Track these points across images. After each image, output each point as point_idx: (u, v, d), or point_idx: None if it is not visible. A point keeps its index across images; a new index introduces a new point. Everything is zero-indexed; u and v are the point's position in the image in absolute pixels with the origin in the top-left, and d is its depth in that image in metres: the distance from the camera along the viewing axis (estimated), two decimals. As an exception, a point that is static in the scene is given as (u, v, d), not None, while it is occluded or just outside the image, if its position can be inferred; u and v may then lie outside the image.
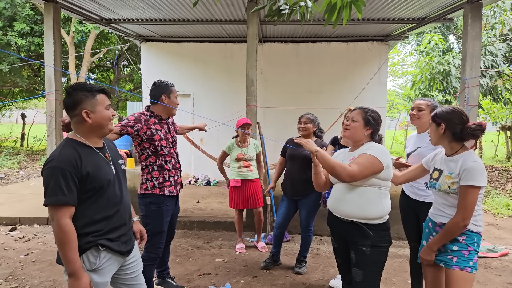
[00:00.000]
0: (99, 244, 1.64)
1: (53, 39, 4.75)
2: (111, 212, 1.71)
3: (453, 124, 1.95)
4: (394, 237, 3.84)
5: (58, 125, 4.80)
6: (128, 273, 1.83)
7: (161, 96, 2.62)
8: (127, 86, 16.65)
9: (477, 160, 1.90)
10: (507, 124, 11.67)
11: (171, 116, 2.74)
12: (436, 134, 2.02)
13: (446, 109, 2.01)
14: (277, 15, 2.26)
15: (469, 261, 1.89)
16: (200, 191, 6.69)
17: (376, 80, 7.13)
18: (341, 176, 1.93)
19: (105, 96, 1.73)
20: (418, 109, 2.63)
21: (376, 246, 1.99)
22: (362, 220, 2.01)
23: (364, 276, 2.00)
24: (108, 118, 1.73)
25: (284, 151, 3.58)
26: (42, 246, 4.04)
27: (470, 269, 1.89)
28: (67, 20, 11.20)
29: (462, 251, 1.90)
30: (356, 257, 2.03)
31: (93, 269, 1.64)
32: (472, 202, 1.84)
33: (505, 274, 3.53)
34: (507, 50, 7.94)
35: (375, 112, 2.13)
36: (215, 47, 7.53)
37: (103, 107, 1.70)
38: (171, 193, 2.66)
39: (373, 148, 2.01)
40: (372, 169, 1.94)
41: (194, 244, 4.19)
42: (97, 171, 1.65)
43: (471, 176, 1.84)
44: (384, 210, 2.02)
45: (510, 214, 5.78)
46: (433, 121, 2.04)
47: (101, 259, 1.65)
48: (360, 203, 2.00)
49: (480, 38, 4.40)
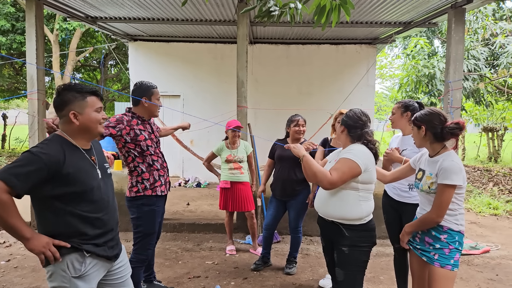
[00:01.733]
0: (84, 250, 1.60)
1: (36, 37, 4.62)
2: (97, 217, 1.66)
3: (433, 125, 2.01)
4: (382, 236, 3.92)
5: (40, 125, 4.67)
6: (115, 278, 1.79)
7: (142, 98, 2.62)
8: (114, 86, 16.40)
9: (455, 160, 1.95)
10: (488, 125, 12.03)
11: (152, 117, 2.73)
12: (418, 137, 2.09)
13: (424, 111, 2.08)
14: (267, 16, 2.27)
15: (450, 259, 1.94)
16: (190, 193, 6.64)
17: (365, 82, 7.25)
18: (322, 183, 1.99)
19: (96, 99, 1.70)
20: (392, 114, 2.76)
21: (355, 246, 2.03)
22: (340, 220, 2.06)
23: (345, 276, 2.03)
24: (97, 121, 1.69)
25: (272, 153, 3.58)
26: (24, 252, 3.92)
27: (451, 267, 1.94)
28: (51, 17, 10.93)
29: (444, 249, 1.96)
30: (337, 256, 2.08)
31: (78, 275, 1.59)
32: (446, 201, 1.90)
33: (486, 271, 3.64)
34: (489, 54, 8.21)
35: (351, 111, 2.18)
36: (205, 47, 7.49)
37: (93, 109, 1.67)
38: (163, 192, 2.66)
39: (351, 152, 2.04)
40: (351, 173, 1.98)
41: (184, 247, 4.16)
42: (79, 174, 1.61)
43: (447, 175, 1.90)
44: (363, 212, 2.05)
45: (491, 212, 5.97)
46: (414, 124, 2.10)
47: (86, 265, 1.61)
48: (338, 204, 2.05)
49: (463, 42, 4.53)
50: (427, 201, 2.05)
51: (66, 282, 1.58)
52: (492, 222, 5.45)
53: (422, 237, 2.09)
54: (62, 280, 1.58)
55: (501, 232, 4.97)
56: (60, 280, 1.58)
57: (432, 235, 2.01)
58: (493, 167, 10.45)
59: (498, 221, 5.53)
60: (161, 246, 4.11)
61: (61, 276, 1.58)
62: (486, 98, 8.52)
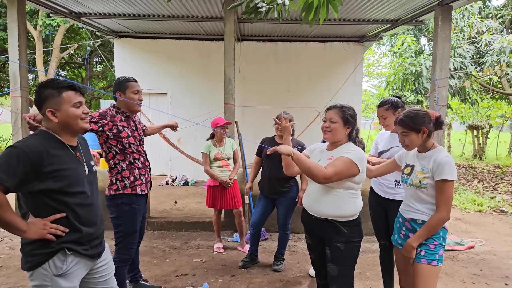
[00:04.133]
0: (66, 248, 1.58)
1: (18, 33, 4.49)
2: (81, 214, 1.63)
3: (429, 125, 2.02)
4: (369, 232, 3.95)
5: (24, 123, 4.57)
6: (98, 276, 1.76)
7: (116, 92, 2.56)
8: (100, 83, 16.11)
9: (449, 155, 1.98)
10: (474, 123, 12.28)
11: (134, 112, 2.64)
12: (418, 140, 2.03)
13: (419, 113, 2.04)
14: (255, 13, 2.24)
15: (435, 255, 1.97)
16: (177, 192, 6.57)
17: (352, 80, 7.29)
18: (317, 178, 1.95)
19: (73, 93, 1.63)
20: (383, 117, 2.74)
21: (349, 241, 2.04)
22: (336, 218, 2.05)
23: (340, 271, 2.04)
24: (76, 117, 1.63)
25: (260, 151, 3.56)
26: (9, 251, 3.83)
27: (436, 262, 1.97)
28: (34, 13, 10.65)
29: (429, 244, 1.98)
30: (331, 253, 2.07)
31: (59, 273, 1.56)
32: (451, 196, 1.91)
33: (471, 266, 3.70)
34: (475, 52, 8.35)
35: (351, 108, 2.14)
36: (192, 44, 7.42)
37: (70, 105, 1.61)
38: (143, 191, 2.60)
39: (352, 152, 2.02)
40: (348, 173, 1.97)
41: (171, 245, 4.11)
42: (64, 170, 1.58)
43: (445, 170, 1.90)
44: (357, 208, 2.08)
45: (476, 209, 6.08)
46: (412, 130, 2.02)
47: (68, 264, 1.58)
48: (335, 203, 2.04)
49: (449, 40, 4.58)
50: (415, 195, 2.04)
51: (48, 280, 1.55)
52: (477, 219, 5.55)
53: (406, 233, 2.10)
54: (44, 279, 1.55)
55: (485, 228, 5.07)
56: (42, 279, 1.55)
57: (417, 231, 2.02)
58: (478, 164, 10.69)
59: (483, 217, 5.64)
60: (148, 245, 4.06)
61: (42, 274, 1.55)
62: (471, 96, 8.68)
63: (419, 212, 2.04)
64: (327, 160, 2.08)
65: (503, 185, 7.77)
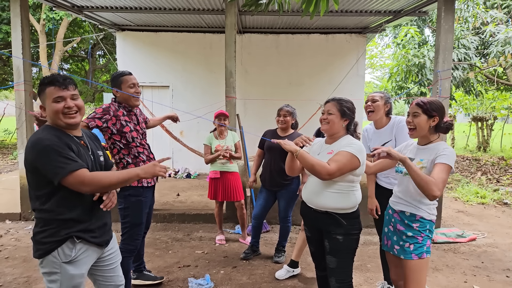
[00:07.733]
0: (75, 236, 1.62)
1: (21, 27, 4.51)
2: (87, 202, 1.68)
3: (441, 118, 2.01)
4: (369, 225, 3.97)
5: (28, 117, 4.60)
6: (105, 264, 1.82)
7: (113, 88, 2.59)
8: (103, 76, 16.14)
9: (450, 148, 2.00)
10: (478, 115, 12.17)
11: (133, 106, 2.64)
12: (426, 126, 2.01)
13: (436, 101, 2.02)
14: (255, 5, 2.24)
15: (423, 246, 2.02)
16: (180, 184, 6.62)
17: (354, 72, 7.23)
18: (320, 174, 1.97)
19: (53, 88, 1.61)
20: (372, 101, 2.62)
21: (348, 234, 2.07)
22: (336, 211, 2.07)
23: (338, 263, 2.07)
24: (55, 112, 1.61)
25: (262, 143, 3.59)
26: (15, 243, 3.91)
27: (425, 253, 2.03)
28: (37, 6, 10.64)
29: (416, 236, 2.03)
30: (330, 245, 2.09)
31: (68, 260, 1.62)
32: (445, 178, 1.89)
33: (472, 258, 3.72)
34: (479, 43, 8.23)
35: (348, 101, 2.15)
36: (194, 37, 7.38)
37: (51, 100, 1.62)
38: (149, 183, 2.64)
39: (352, 146, 2.04)
40: (350, 166, 2.00)
41: (174, 237, 4.17)
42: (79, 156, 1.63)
43: (447, 158, 1.91)
44: (357, 200, 2.11)
45: (478, 201, 6.07)
46: (424, 112, 2.00)
47: (76, 251, 1.63)
48: (335, 196, 2.06)
49: (453, 31, 4.52)
50: (410, 185, 2.05)
51: (57, 267, 1.61)
52: (480, 211, 5.55)
53: (394, 225, 2.13)
54: (53, 266, 1.61)
55: (488, 220, 5.07)
56: (51, 266, 1.61)
57: (405, 224, 2.06)
58: (481, 157, 10.62)
59: (485, 210, 5.63)
60: (152, 236, 4.11)
61: (51, 262, 1.61)
62: (476, 88, 8.58)
63: (408, 204, 2.06)
64: (327, 154, 2.09)
65: (507, 178, 7.73)
